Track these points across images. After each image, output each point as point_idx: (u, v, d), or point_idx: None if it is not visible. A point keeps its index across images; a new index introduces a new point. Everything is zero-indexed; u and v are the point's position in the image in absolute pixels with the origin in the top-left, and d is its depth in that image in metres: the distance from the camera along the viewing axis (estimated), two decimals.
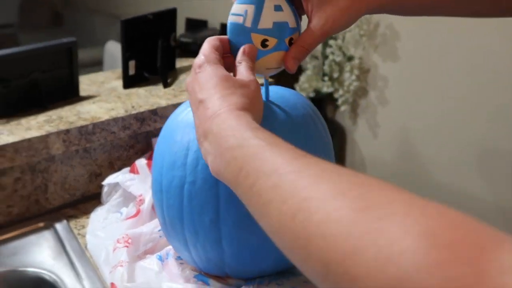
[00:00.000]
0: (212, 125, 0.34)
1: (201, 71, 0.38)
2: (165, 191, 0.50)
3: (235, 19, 0.43)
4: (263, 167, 0.28)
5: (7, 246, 0.65)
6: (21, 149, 0.65)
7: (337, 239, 0.22)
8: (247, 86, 0.37)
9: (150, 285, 0.53)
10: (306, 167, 0.27)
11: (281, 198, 0.26)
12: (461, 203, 1.42)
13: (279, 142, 0.30)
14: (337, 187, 0.24)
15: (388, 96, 1.59)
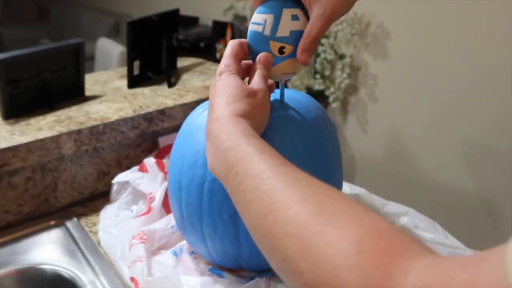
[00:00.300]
0: (214, 128, 0.38)
1: (220, 80, 0.42)
2: (184, 189, 0.53)
3: (255, 27, 0.45)
4: (249, 170, 0.32)
5: (19, 244, 0.66)
6: (34, 149, 0.66)
7: (293, 238, 0.26)
8: (255, 95, 0.41)
9: (168, 278, 0.55)
10: (283, 174, 0.31)
11: (259, 198, 0.30)
12: (446, 196, 1.49)
13: (267, 149, 0.34)
14: (302, 194, 0.28)
15: (378, 93, 1.64)
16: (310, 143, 0.50)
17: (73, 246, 0.65)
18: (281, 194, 0.29)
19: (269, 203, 0.29)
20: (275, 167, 0.31)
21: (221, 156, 0.36)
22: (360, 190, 0.66)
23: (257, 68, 0.44)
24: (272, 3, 0.45)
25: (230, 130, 0.37)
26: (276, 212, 0.28)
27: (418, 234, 0.57)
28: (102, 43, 2.03)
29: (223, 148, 0.36)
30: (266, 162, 0.32)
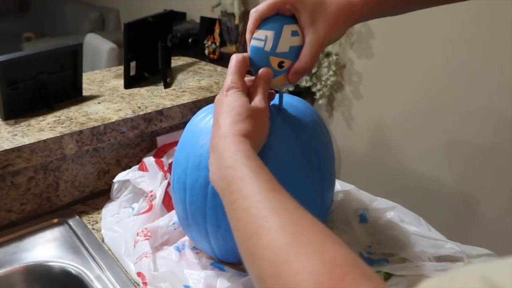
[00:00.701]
0: (219, 143, 0.42)
1: (227, 96, 0.46)
2: (189, 189, 0.56)
3: (257, 43, 0.48)
4: (242, 191, 0.36)
5: (23, 242, 0.68)
6: (37, 149, 0.68)
7: (268, 263, 0.30)
8: (257, 115, 0.45)
9: (173, 273, 0.59)
10: (270, 200, 0.34)
11: (246, 220, 0.34)
12: (427, 189, 1.56)
13: (262, 172, 0.38)
14: (282, 222, 0.31)
15: (362, 90, 1.69)
16: (307, 146, 0.54)
17: (77, 243, 0.68)
18: (265, 220, 0.32)
19: (254, 226, 0.33)
20: (264, 192, 0.35)
21: (221, 171, 0.39)
22: (350, 187, 0.71)
23: (258, 84, 0.48)
24: (273, 20, 0.48)
25: (233, 149, 0.40)
26: (258, 236, 0.32)
27: (404, 227, 0.62)
28: (90, 38, 2.01)
29: (224, 165, 0.39)
30: (259, 186, 0.35)
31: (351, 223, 0.64)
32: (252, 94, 0.47)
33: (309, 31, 0.48)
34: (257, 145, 0.44)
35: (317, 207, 0.57)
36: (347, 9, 0.48)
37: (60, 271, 0.63)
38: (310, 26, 0.48)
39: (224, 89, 0.46)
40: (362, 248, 0.61)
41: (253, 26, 0.48)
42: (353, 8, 0.49)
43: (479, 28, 1.30)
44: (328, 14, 0.48)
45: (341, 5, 0.48)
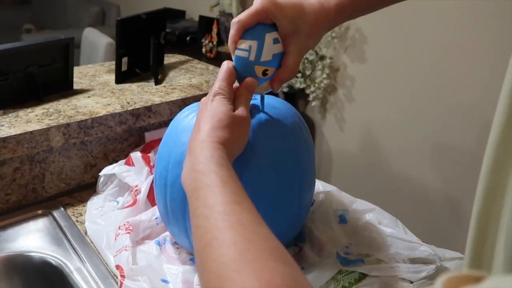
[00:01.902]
0: (196, 147, 0.43)
1: (213, 101, 0.47)
2: (169, 185, 0.57)
3: (241, 53, 0.49)
4: (207, 199, 0.37)
5: (6, 232, 0.69)
6: (23, 141, 0.68)
7: (214, 276, 0.31)
8: (238, 123, 0.45)
9: (151, 267, 0.59)
10: (230, 213, 0.35)
11: (205, 229, 0.35)
12: (414, 190, 1.58)
13: (231, 182, 0.38)
14: (235, 238, 0.33)
15: (354, 94, 1.71)
16: (286, 146, 0.55)
17: (60, 235, 0.68)
18: (220, 233, 0.33)
19: (209, 237, 0.34)
20: (226, 204, 0.36)
21: (192, 174, 0.41)
22: (332, 188, 0.72)
23: (242, 93, 0.49)
24: (256, 29, 0.48)
25: (207, 155, 0.41)
26: (211, 248, 0.33)
27: (381, 229, 0.64)
28: (88, 32, 2.01)
29: (197, 169, 0.40)
30: (223, 196, 0.36)
31: (331, 224, 0.65)
32: (236, 102, 0.48)
33: (291, 40, 0.49)
34: (234, 153, 0.45)
35: (295, 207, 0.58)
36: (323, 17, 0.50)
37: (40, 262, 0.64)
38: (291, 35, 0.49)
39: (210, 94, 0.47)
40: (340, 248, 0.62)
41: (236, 37, 0.49)
42: (328, 16, 0.50)
43: (469, 34, 1.31)
44: (308, 23, 0.49)
45: (318, 13, 0.50)
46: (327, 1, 0.51)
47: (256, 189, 0.53)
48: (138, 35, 0.90)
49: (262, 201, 0.54)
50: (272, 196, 0.55)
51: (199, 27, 2.04)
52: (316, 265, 0.59)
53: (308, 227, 0.65)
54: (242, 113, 0.46)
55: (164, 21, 0.94)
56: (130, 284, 0.55)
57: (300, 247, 0.63)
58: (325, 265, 0.59)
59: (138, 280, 0.56)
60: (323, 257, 0.61)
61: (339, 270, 0.58)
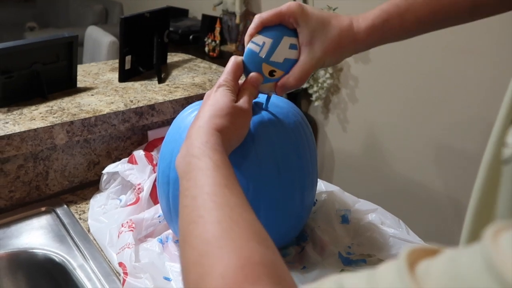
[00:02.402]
0: (193, 132, 0.43)
1: (217, 92, 0.47)
2: (172, 183, 0.57)
3: (253, 47, 0.49)
4: (197, 180, 0.38)
5: (10, 229, 0.69)
6: (27, 138, 0.69)
7: (195, 251, 0.32)
8: (238, 114, 0.46)
9: (154, 264, 0.60)
10: (218, 195, 0.35)
11: (192, 207, 0.35)
12: (417, 190, 1.57)
13: (223, 166, 0.39)
14: (220, 217, 0.33)
15: (357, 94, 1.71)
16: (288, 145, 0.55)
17: (63, 232, 0.69)
18: (206, 212, 0.34)
19: (195, 215, 0.34)
20: (216, 186, 0.36)
21: (187, 158, 0.41)
22: (335, 188, 0.72)
23: (246, 87, 0.49)
24: (275, 29, 0.48)
25: (203, 140, 0.41)
26: (195, 225, 0.33)
27: (383, 230, 0.64)
28: (91, 31, 2.02)
29: (191, 153, 0.41)
30: (214, 179, 0.37)
31: (333, 224, 0.66)
32: (239, 95, 0.48)
33: (305, 49, 0.49)
34: (231, 142, 0.45)
35: (297, 206, 0.58)
36: (349, 37, 0.49)
37: (44, 259, 0.64)
38: (307, 45, 0.48)
39: (215, 86, 0.48)
40: (342, 248, 0.62)
41: (254, 31, 0.49)
42: (356, 38, 0.49)
43: (473, 36, 1.31)
44: (328, 38, 0.48)
45: (343, 31, 0.48)
46: (358, 22, 0.49)
47: (258, 188, 0.53)
48: (142, 33, 0.90)
49: (264, 200, 0.54)
50: (274, 195, 0.55)
51: (202, 26, 2.04)
52: (317, 264, 0.59)
53: (310, 226, 0.66)
54: (243, 105, 0.46)
55: (167, 20, 0.94)
56: (132, 281, 0.56)
57: (302, 247, 0.64)
58: (326, 265, 0.59)
59: (141, 277, 0.56)
60: (324, 256, 0.61)
61: (341, 269, 0.58)
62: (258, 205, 0.54)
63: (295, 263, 0.61)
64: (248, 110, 0.47)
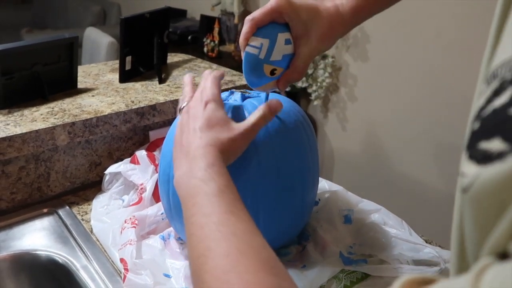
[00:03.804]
0: (196, 151, 0.43)
1: (209, 109, 0.47)
2: (172, 181, 0.57)
3: (252, 50, 0.49)
4: (203, 207, 0.38)
5: (12, 231, 0.69)
6: (28, 139, 0.69)
7: (206, 286, 0.33)
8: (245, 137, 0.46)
9: (155, 261, 0.60)
10: (225, 224, 0.36)
11: (199, 238, 0.36)
12: (417, 189, 1.58)
13: (228, 192, 0.39)
14: (228, 250, 0.34)
15: (356, 93, 1.71)
16: (289, 144, 0.55)
17: (65, 233, 0.69)
18: (214, 244, 0.34)
19: (204, 246, 0.35)
20: (222, 214, 0.37)
21: (191, 180, 0.41)
22: (338, 188, 0.72)
23: (265, 113, 0.48)
24: (268, 28, 0.48)
25: (209, 162, 0.41)
26: (205, 258, 0.34)
27: (386, 230, 0.64)
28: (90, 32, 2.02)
29: (196, 175, 0.40)
30: (220, 206, 0.37)
31: (335, 223, 0.66)
32: (254, 114, 0.48)
33: (301, 42, 0.49)
34: (230, 160, 0.46)
35: (297, 206, 0.58)
36: (338, 21, 0.50)
37: (47, 260, 0.64)
38: (302, 37, 0.49)
39: (203, 99, 0.48)
40: (344, 248, 0.62)
41: (248, 34, 0.49)
42: (344, 20, 0.50)
43: (471, 32, 1.31)
44: (321, 27, 0.49)
45: (333, 17, 0.49)
46: (343, 4, 0.50)
47: (257, 187, 0.54)
48: (142, 34, 0.90)
49: (263, 199, 0.54)
50: (274, 194, 0.55)
51: (201, 26, 2.04)
52: (318, 264, 0.59)
53: (312, 226, 0.66)
54: (253, 127, 0.47)
55: (167, 20, 0.94)
56: (133, 277, 0.56)
57: (303, 246, 0.64)
58: (327, 264, 0.59)
59: (141, 274, 0.57)
60: (325, 256, 0.61)
61: (341, 269, 0.58)
62: (258, 204, 0.54)
63: (296, 262, 0.61)
64: (255, 132, 0.47)
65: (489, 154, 0.18)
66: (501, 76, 0.21)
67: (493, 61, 0.23)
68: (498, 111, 0.19)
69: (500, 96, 0.19)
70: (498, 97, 0.20)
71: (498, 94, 0.20)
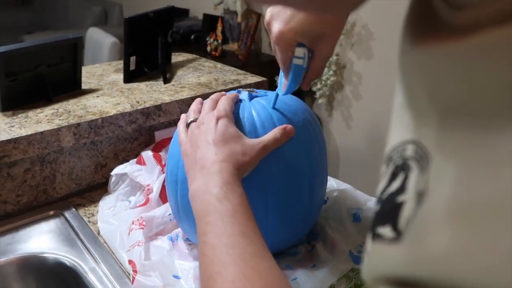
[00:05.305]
0: (214, 167, 0.44)
1: (223, 125, 0.49)
2: (180, 182, 0.56)
3: (298, 62, 0.49)
4: (216, 227, 0.39)
5: (19, 233, 0.69)
6: (34, 141, 0.68)
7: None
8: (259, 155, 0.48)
9: (163, 262, 0.59)
10: (236, 246, 0.37)
11: (210, 260, 0.37)
12: None
13: (241, 212, 0.40)
14: (237, 274, 0.35)
15: (361, 91, 1.70)
16: (297, 143, 0.54)
17: (72, 236, 0.68)
18: (224, 268, 0.36)
19: (213, 269, 0.36)
20: (234, 236, 0.38)
21: (206, 196, 0.42)
22: (346, 186, 0.71)
23: (281, 137, 0.51)
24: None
25: (224, 180, 0.42)
26: (214, 282, 0.35)
27: None
28: (92, 32, 2.01)
29: (211, 192, 0.42)
30: (232, 227, 0.39)
31: (344, 222, 0.65)
32: (269, 134, 0.50)
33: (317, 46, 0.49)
34: (243, 175, 0.47)
35: (306, 205, 0.57)
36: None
37: (55, 263, 0.64)
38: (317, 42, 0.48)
39: (215, 115, 0.49)
40: (353, 246, 0.61)
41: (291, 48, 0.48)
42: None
43: None
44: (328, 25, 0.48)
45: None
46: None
47: (265, 186, 0.53)
48: (146, 33, 0.89)
49: (272, 198, 0.53)
50: (283, 194, 0.54)
51: (203, 25, 2.03)
52: (327, 263, 0.59)
53: (321, 225, 0.65)
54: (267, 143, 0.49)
55: (171, 20, 0.94)
56: (142, 279, 0.55)
57: (312, 245, 0.63)
58: (337, 263, 0.58)
59: (150, 275, 0.56)
60: (335, 255, 0.60)
61: (351, 268, 0.57)
62: (266, 204, 0.54)
63: (305, 262, 0.60)
64: (266, 153, 0.49)
65: (383, 239, 0.20)
66: (394, 161, 0.22)
67: (387, 144, 0.24)
68: (392, 196, 0.21)
69: (395, 180, 0.21)
70: (394, 181, 0.21)
71: (394, 178, 0.21)
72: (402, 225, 0.19)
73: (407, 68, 0.22)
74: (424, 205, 0.18)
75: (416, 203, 0.19)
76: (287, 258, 0.61)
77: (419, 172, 0.19)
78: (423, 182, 0.19)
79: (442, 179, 0.18)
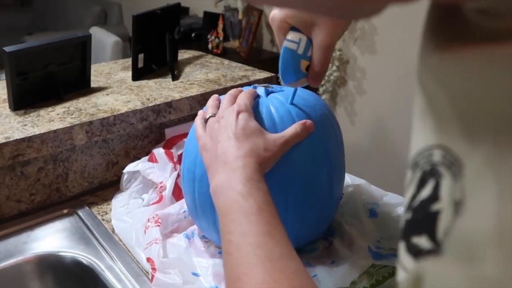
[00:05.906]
0: (237, 162, 0.44)
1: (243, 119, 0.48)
2: (198, 179, 0.56)
3: (290, 45, 0.47)
4: (241, 226, 0.38)
5: (34, 232, 0.69)
6: (47, 140, 0.68)
7: None
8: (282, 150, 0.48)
9: (182, 260, 0.59)
10: (262, 247, 0.37)
11: (236, 260, 0.37)
12: None
13: (267, 210, 0.40)
14: (264, 276, 0.34)
15: (365, 86, 1.70)
16: (315, 139, 0.54)
17: (87, 234, 0.68)
18: (250, 269, 0.35)
19: (240, 270, 0.36)
20: (259, 236, 0.37)
21: (229, 193, 0.41)
22: (361, 181, 0.71)
23: (301, 132, 0.50)
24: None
25: (248, 176, 0.42)
26: (240, 283, 0.35)
27: None
28: (94, 32, 2.00)
29: (235, 188, 0.41)
30: (257, 226, 0.38)
31: (361, 217, 0.65)
32: (288, 129, 0.50)
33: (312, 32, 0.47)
34: (265, 171, 0.47)
35: (326, 201, 0.57)
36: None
37: (72, 262, 0.64)
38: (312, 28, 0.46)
39: (235, 109, 0.49)
40: (371, 242, 0.61)
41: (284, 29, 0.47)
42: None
43: None
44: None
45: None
46: None
47: (286, 182, 0.53)
48: (153, 31, 0.89)
49: (292, 194, 0.53)
50: (302, 190, 0.54)
51: (204, 23, 2.03)
52: (347, 259, 0.59)
53: (337, 220, 0.65)
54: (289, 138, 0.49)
55: (177, 16, 0.93)
56: (161, 276, 0.55)
57: (329, 241, 0.63)
58: (356, 259, 0.58)
59: (169, 273, 0.56)
60: (354, 251, 0.60)
61: (372, 264, 0.57)
62: (287, 201, 0.54)
63: (323, 258, 0.60)
64: (287, 149, 0.49)
65: (420, 250, 0.19)
66: (421, 167, 0.21)
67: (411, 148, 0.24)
68: (424, 204, 0.20)
69: (425, 187, 0.20)
70: (423, 188, 0.20)
71: (423, 184, 0.21)
72: (440, 235, 0.18)
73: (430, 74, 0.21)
74: (464, 216, 0.17)
75: (453, 213, 0.18)
76: (304, 255, 0.61)
77: (452, 180, 0.18)
78: (459, 191, 0.18)
79: (480, 190, 0.17)
